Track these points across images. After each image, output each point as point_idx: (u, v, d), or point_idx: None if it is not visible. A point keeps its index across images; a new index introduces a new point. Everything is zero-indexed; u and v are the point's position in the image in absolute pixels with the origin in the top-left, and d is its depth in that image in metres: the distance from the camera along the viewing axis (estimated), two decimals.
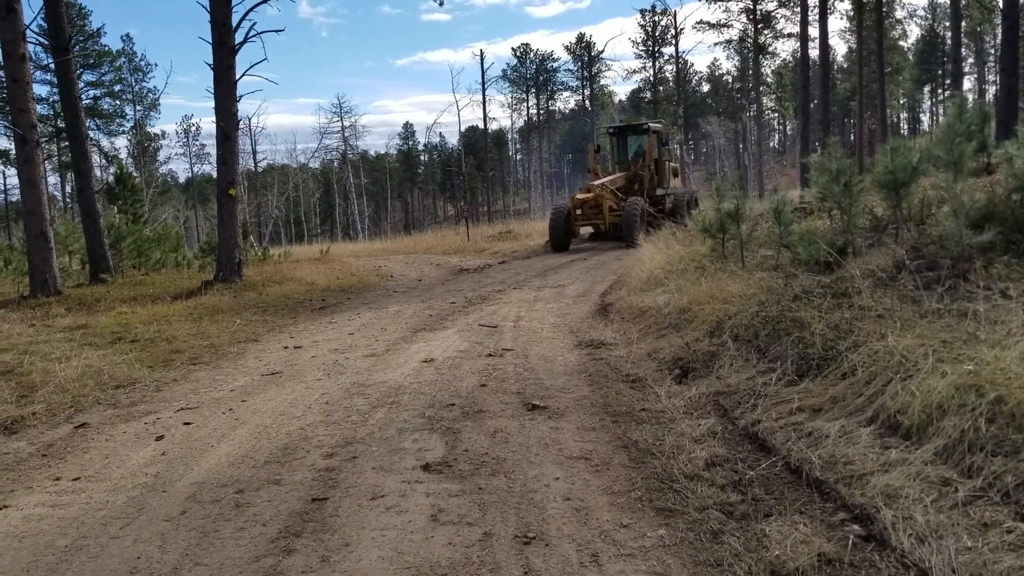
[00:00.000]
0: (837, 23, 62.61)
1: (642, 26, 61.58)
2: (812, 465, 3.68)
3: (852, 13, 39.32)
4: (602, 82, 72.83)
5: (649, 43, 61.65)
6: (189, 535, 3.49)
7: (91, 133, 43.01)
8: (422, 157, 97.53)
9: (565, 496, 3.69)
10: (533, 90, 77.59)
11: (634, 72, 63.67)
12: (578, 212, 20.15)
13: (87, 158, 15.70)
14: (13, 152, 18.99)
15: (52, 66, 23.19)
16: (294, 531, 3.46)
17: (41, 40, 32.07)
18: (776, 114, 76.00)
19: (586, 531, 3.30)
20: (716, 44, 59.82)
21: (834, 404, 4.27)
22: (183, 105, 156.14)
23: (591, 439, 4.55)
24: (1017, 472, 3.05)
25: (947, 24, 59.90)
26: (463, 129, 64.32)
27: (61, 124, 39.20)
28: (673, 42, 60.21)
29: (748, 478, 3.74)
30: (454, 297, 11.86)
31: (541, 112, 79.04)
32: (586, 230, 21.82)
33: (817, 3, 30.11)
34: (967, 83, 68.25)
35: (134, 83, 56.10)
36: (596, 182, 20.33)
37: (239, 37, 14.26)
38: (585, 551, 3.12)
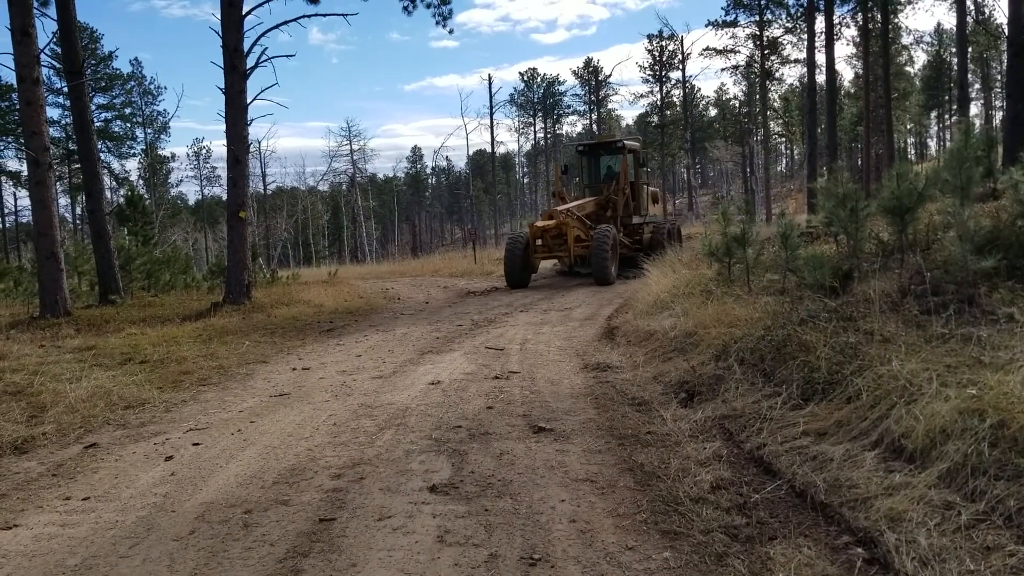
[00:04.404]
0: (844, 49, 62.79)
1: (649, 51, 61.97)
2: (817, 488, 3.70)
3: (859, 39, 39.53)
4: (609, 106, 73.33)
5: (656, 68, 62.03)
6: (198, 555, 3.51)
7: (102, 155, 43.53)
8: (430, 180, 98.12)
9: (571, 518, 3.71)
10: (540, 114, 78.04)
11: (641, 96, 64.14)
12: (538, 242, 16.92)
13: (98, 180, 15.82)
14: (25, 174, 19.17)
15: (65, 89, 23.47)
16: (302, 551, 3.48)
17: (54, 64, 32.61)
18: (783, 139, 76.19)
19: (591, 553, 3.32)
20: (723, 69, 60.04)
21: (839, 428, 4.29)
22: (195, 128, 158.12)
23: (597, 462, 4.57)
24: (1020, 496, 3.07)
25: (953, 50, 60.14)
26: (471, 152, 64.77)
27: (72, 146, 39.64)
28: (680, 67, 60.69)
29: (753, 501, 3.76)
30: (461, 320, 11.90)
31: (548, 136, 79.44)
32: (551, 263, 19.22)
33: (824, 29, 30.30)
34: (973, 109, 68.33)
35: (144, 106, 56.75)
36: (561, 207, 17.37)
37: (251, 62, 14.43)
38: (590, 573, 3.13)
